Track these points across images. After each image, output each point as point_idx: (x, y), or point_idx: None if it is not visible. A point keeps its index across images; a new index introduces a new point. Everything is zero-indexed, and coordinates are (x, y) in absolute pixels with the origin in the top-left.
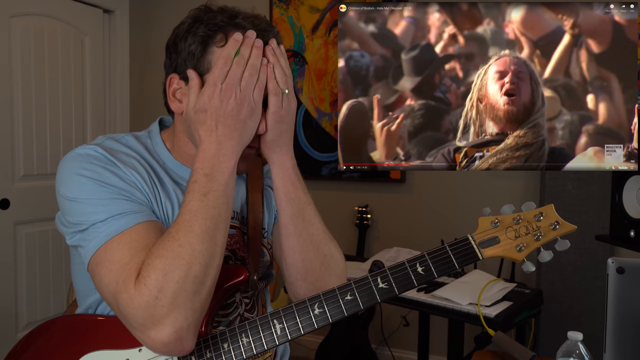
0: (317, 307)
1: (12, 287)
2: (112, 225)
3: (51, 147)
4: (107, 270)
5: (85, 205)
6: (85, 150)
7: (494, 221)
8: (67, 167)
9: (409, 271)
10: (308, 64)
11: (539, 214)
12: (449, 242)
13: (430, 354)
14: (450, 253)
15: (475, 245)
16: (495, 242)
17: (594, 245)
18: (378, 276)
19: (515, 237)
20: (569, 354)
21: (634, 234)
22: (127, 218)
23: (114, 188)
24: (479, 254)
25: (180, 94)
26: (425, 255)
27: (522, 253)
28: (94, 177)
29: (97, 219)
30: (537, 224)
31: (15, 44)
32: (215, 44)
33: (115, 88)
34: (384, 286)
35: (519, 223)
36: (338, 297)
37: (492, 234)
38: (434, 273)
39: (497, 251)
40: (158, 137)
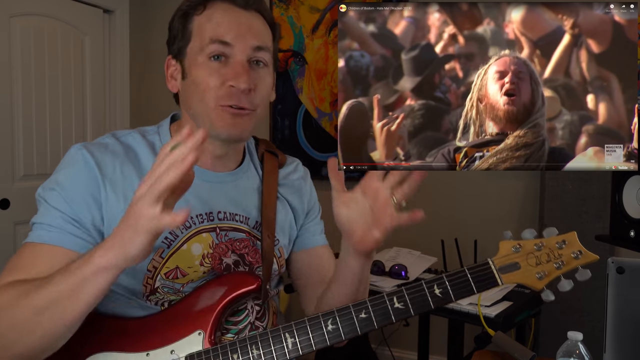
0: (331, 323)
1: None
2: (35, 232)
3: (51, 147)
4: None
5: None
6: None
7: (515, 246)
8: (57, 168)
9: (426, 292)
10: (308, 64)
11: (562, 242)
12: (468, 265)
13: (430, 354)
14: (470, 276)
15: (495, 270)
16: (516, 268)
17: (594, 245)
18: (394, 295)
19: (536, 264)
20: (569, 354)
21: (634, 234)
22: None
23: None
24: (498, 280)
25: (176, 73)
26: (444, 277)
27: (542, 281)
28: (62, 182)
29: (37, 220)
30: (559, 252)
31: (15, 44)
32: (195, 13)
33: (115, 88)
34: (400, 306)
35: (540, 249)
36: (352, 315)
37: (512, 260)
38: (452, 296)
39: (517, 278)
40: (167, 134)
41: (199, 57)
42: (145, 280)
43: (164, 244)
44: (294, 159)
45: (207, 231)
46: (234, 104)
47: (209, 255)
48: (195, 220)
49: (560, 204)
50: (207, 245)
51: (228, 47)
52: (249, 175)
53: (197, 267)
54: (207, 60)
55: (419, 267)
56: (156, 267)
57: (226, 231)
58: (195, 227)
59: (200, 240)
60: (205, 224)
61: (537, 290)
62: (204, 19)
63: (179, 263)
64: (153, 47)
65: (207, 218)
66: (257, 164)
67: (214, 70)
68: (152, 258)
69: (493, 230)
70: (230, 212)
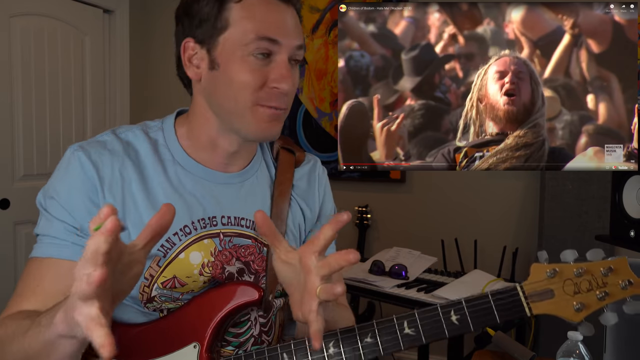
0: (333, 346)
1: (12, 287)
2: (38, 246)
3: (51, 147)
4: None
5: (41, 215)
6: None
7: (551, 271)
8: (54, 174)
9: (440, 318)
10: (308, 64)
11: (608, 268)
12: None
13: (430, 354)
14: (493, 303)
15: (524, 298)
16: (549, 297)
17: (594, 245)
18: (405, 320)
19: (574, 292)
20: (569, 354)
21: (634, 234)
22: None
23: (65, 208)
24: (526, 309)
25: (197, 59)
26: (463, 303)
27: (580, 314)
28: (60, 190)
29: (38, 231)
30: (603, 280)
31: (15, 43)
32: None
33: (115, 88)
34: (410, 332)
35: (580, 276)
36: (357, 339)
37: (545, 286)
38: (470, 325)
39: (550, 308)
40: (171, 130)
41: (239, 51)
42: (142, 288)
43: (160, 252)
44: (312, 157)
45: (210, 237)
46: (275, 105)
47: (209, 264)
48: (197, 226)
49: (560, 204)
50: (208, 253)
51: (276, 45)
52: (260, 174)
53: (197, 276)
54: (248, 56)
55: (419, 267)
56: (153, 275)
57: (230, 237)
58: (196, 232)
59: (200, 248)
60: (207, 229)
61: (573, 322)
62: (244, 9)
63: (176, 273)
64: (153, 47)
65: (210, 223)
66: (269, 161)
67: (256, 68)
68: (149, 265)
69: (493, 230)
70: (235, 217)
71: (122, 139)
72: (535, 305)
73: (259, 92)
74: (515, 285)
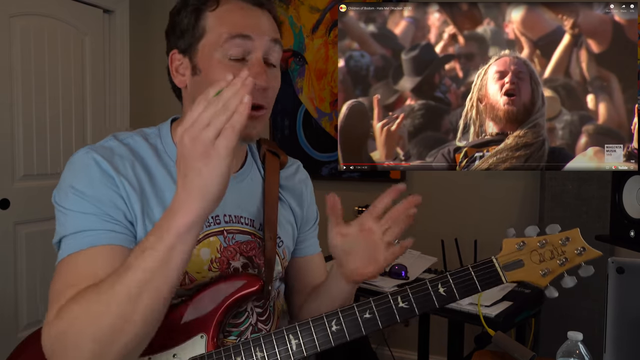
0: (335, 323)
1: (12, 287)
2: (74, 243)
3: (51, 147)
4: (53, 285)
5: (64, 216)
6: (82, 155)
7: (519, 244)
8: (64, 174)
9: (430, 291)
10: (308, 64)
11: (565, 239)
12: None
13: (430, 354)
14: (474, 275)
15: (500, 268)
16: (520, 266)
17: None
18: (398, 295)
19: (540, 261)
20: (569, 354)
21: (634, 234)
22: (87, 239)
23: (91, 201)
24: (502, 278)
25: (183, 68)
26: (448, 276)
27: (546, 278)
28: (80, 187)
29: (67, 232)
30: (562, 249)
31: (15, 44)
32: (208, 9)
33: (115, 88)
34: (404, 306)
35: (544, 246)
36: (357, 315)
37: (516, 257)
38: (456, 295)
39: (522, 275)
40: (168, 137)
41: (215, 54)
42: None
43: None
44: (295, 161)
45: (215, 235)
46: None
47: (216, 260)
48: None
49: (560, 204)
50: (215, 250)
51: (249, 40)
52: (252, 176)
53: (206, 272)
54: (223, 58)
55: (419, 267)
56: None
57: (233, 234)
58: (203, 231)
59: (208, 245)
60: (212, 227)
61: (541, 287)
62: (218, 15)
63: (188, 268)
64: (153, 47)
65: (214, 221)
66: (259, 164)
67: (231, 68)
68: None
69: (493, 230)
70: (235, 215)
71: (126, 144)
72: (509, 274)
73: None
74: (491, 258)
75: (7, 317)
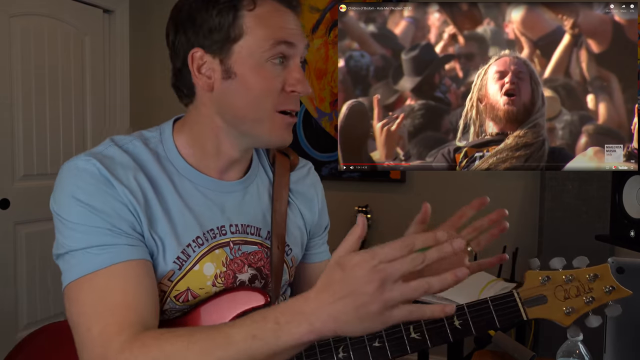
0: (342, 350)
1: (12, 287)
2: (88, 260)
3: (51, 147)
4: (82, 309)
5: (68, 229)
6: (83, 163)
7: (544, 278)
8: (64, 182)
9: (444, 323)
10: (308, 64)
11: (594, 275)
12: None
13: (430, 354)
14: (492, 309)
15: (520, 304)
16: (542, 302)
17: (594, 245)
18: (411, 325)
19: (565, 298)
20: (569, 354)
21: (634, 234)
22: (104, 256)
23: (100, 215)
24: (523, 314)
25: (209, 70)
26: (465, 308)
27: (570, 317)
28: (85, 200)
29: (75, 246)
30: (589, 286)
31: (15, 44)
32: (244, 8)
33: (115, 88)
34: (416, 337)
35: (569, 282)
36: (366, 344)
37: (539, 292)
38: (472, 329)
39: (544, 313)
40: (170, 141)
41: (256, 58)
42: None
43: (175, 265)
44: (307, 162)
45: (221, 247)
46: (292, 108)
47: (221, 275)
48: (208, 237)
49: (560, 204)
50: (220, 263)
51: (292, 48)
52: (259, 179)
53: (209, 287)
54: (265, 62)
55: None
56: (165, 290)
57: (239, 245)
58: (208, 243)
59: (212, 259)
60: (217, 239)
61: (564, 326)
62: (257, 17)
63: (190, 285)
64: (153, 47)
65: (220, 232)
66: (266, 166)
67: (274, 74)
68: (159, 282)
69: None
70: (242, 224)
71: (126, 150)
72: (530, 310)
73: (278, 97)
74: (512, 291)
75: (6, 317)
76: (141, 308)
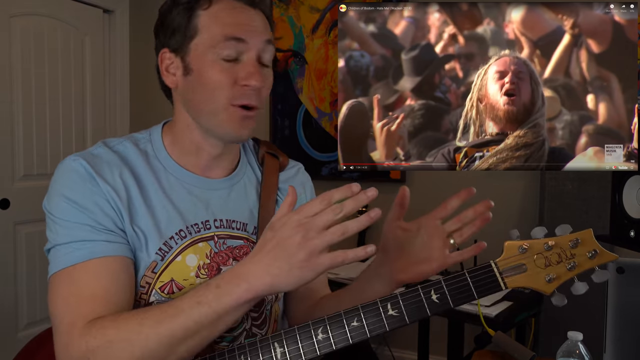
0: (321, 332)
1: (12, 287)
2: (68, 254)
3: (51, 147)
4: (57, 300)
5: (56, 224)
6: (72, 163)
7: (522, 247)
8: (56, 182)
9: (422, 298)
10: (308, 64)
11: (575, 240)
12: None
13: (430, 354)
14: (470, 280)
15: (498, 273)
16: (522, 271)
17: None
18: (388, 302)
19: (545, 265)
20: (569, 354)
21: (634, 234)
22: (83, 251)
23: (84, 212)
24: (501, 284)
25: (174, 68)
26: (442, 282)
27: (551, 285)
28: (71, 197)
29: (60, 240)
30: (571, 252)
31: (15, 44)
32: (200, 7)
33: (115, 88)
34: (394, 314)
35: (550, 249)
36: (344, 323)
37: (518, 261)
38: (450, 302)
39: (523, 281)
40: (159, 141)
41: (209, 55)
42: (139, 295)
43: (158, 256)
44: (297, 163)
45: (204, 240)
46: (246, 103)
47: (205, 266)
48: (191, 230)
49: (560, 204)
50: (204, 255)
51: (242, 43)
52: (246, 178)
53: (193, 278)
54: (218, 58)
55: None
56: (149, 282)
57: (224, 239)
58: (192, 236)
59: (195, 251)
60: (201, 233)
61: (545, 294)
62: (211, 15)
63: (173, 276)
64: (153, 47)
65: (204, 227)
66: (254, 165)
67: (225, 68)
68: (143, 274)
69: (493, 230)
70: (227, 219)
71: (115, 151)
72: (509, 280)
73: (231, 90)
74: (490, 262)
75: (7, 316)
76: (112, 302)
